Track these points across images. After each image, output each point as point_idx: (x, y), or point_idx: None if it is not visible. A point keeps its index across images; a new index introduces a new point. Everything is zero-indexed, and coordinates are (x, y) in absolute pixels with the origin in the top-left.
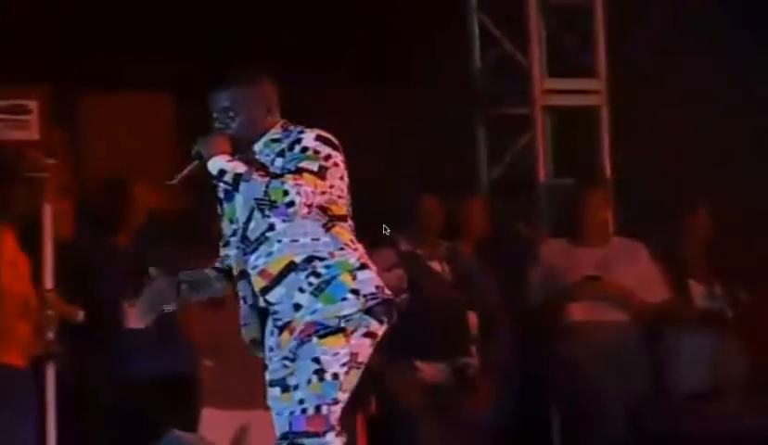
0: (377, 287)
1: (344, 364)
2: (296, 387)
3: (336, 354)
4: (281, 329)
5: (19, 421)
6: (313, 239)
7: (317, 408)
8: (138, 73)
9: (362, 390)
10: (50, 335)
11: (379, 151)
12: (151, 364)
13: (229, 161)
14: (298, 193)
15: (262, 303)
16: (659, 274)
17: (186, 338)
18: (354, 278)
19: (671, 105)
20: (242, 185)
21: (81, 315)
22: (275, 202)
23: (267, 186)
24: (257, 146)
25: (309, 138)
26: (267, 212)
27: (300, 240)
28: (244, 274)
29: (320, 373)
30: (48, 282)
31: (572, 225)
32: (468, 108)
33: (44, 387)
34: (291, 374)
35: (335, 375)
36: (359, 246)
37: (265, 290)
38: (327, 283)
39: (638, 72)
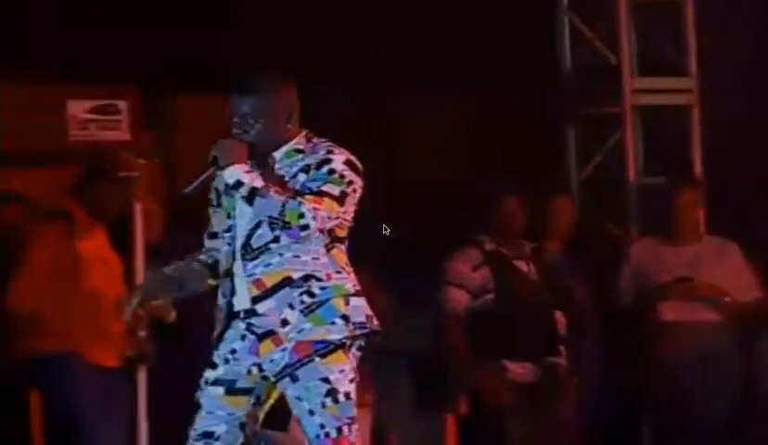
0: (366, 317)
1: (351, 381)
2: (311, 413)
3: (342, 371)
4: (261, 337)
5: (115, 422)
6: (313, 258)
7: (339, 430)
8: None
9: (451, 391)
10: (142, 335)
11: (469, 151)
12: None
13: (247, 173)
14: (314, 218)
15: (239, 307)
16: (751, 274)
17: None
18: (347, 304)
19: (762, 102)
20: (257, 201)
21: (173, 315)
22: (288, 223)
23: (283, 206)
24: (277, 154)
25: (339, 161)
26: (278, 231)
27: (301, 257)
28: (229, 274)
29: (333, 393)
30: (139, 281)
31: (663, 225)
32: (559, 107)
33: (134, 388)
34: (256, 382)
35: (347, 395)
36: (351, 270)
37: (256, 299)
38: (320, 304)
39: (729, 70)
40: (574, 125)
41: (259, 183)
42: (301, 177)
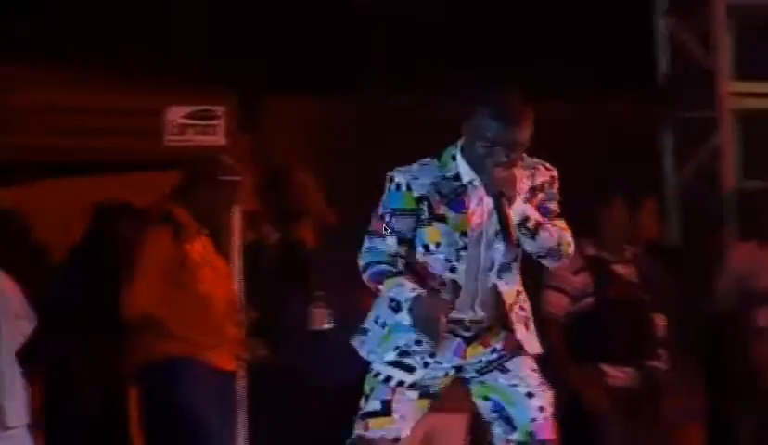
0: None
1: None
2: (530, 395)
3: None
4: (469, 340)
5: (227, 426)
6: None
7: (552, 415)
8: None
9: None
10: (256, 338)
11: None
12: (339, 369)
13: (527, 204)
14: (570, 243)
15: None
16: None
17: None
18: None
19: None
20: (541, 234)
21: (253, 314)
22: (562, 254)
23: (560, 237)
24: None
25: (557, 177)
26: (544, 260)
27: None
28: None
29: (543, 382)
30: (237, 285)
31: (761, 229)
32: (656, 111)
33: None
34: (444, 385)
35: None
36: None
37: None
38: (528, 318)
39: None
40: (672, 129)
41: (538, 215)
42: (540, 196)
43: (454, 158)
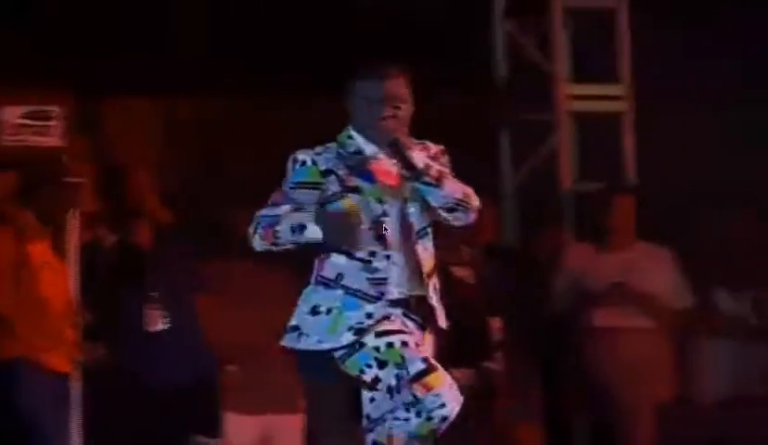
0: None
1: None
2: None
3: None
4: (423, 329)
5: (62, 427)
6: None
7: None
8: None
9: None
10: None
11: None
12: (174, 369)
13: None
14: (475, 196)
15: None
16: (683, 281)
17: (209, 342)
18: None
19: (695, 109)
20: (446, 182)
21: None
22: (470, 205)
23: (464, 188)
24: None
25: (445, 151)
26: (454, 216)
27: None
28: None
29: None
30: (73, 286)
31: (597, 231)
32: (494, 113)
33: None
34: None
35: None
36: None
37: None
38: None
39: (662, 77)
40: (508, 131)
41: (437, 166)
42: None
43: (350, 137)
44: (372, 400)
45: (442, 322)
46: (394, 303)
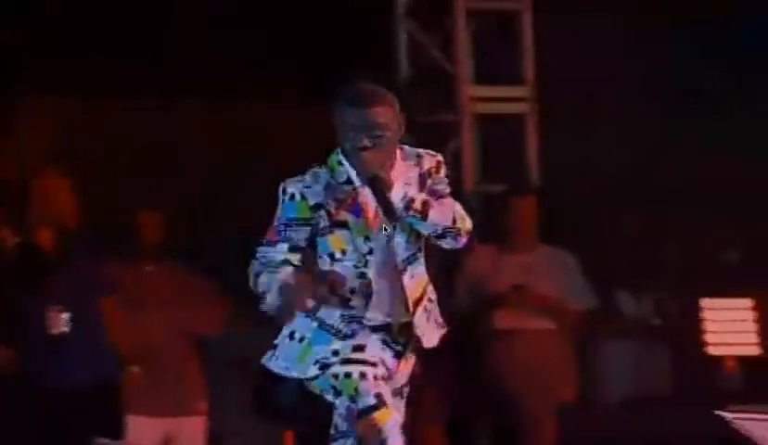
0: None
1: None
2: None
3: None
4: (400, 356)
5: None
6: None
7: None
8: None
9: None
10: None
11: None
12: (76, 371)
13: (407, 186)
14: (464, 218)
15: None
16: (585, 283)
17: (111, 344)
18: None
19: (599, 112)
20: (431, 213)
21: None
22: (459, 230)
23: (453, 213)
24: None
25: (442, 162)
26: (444, 241)
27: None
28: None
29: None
30: None
31: (499, 232)
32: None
33: None
34: None
35: None
36: None
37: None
38: (432, 311)
39: (565, 79)
40: (411, 132)
41: (422, 194)
42: (428, 182)
43: (340, 163)
44: (339, 414)
45: (429, 342)
46: (376, 329)
